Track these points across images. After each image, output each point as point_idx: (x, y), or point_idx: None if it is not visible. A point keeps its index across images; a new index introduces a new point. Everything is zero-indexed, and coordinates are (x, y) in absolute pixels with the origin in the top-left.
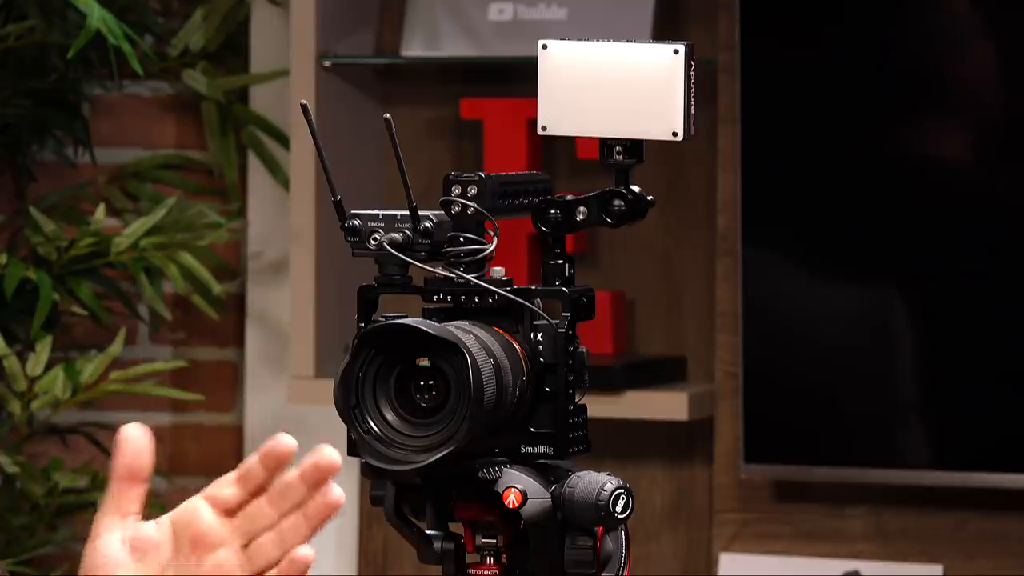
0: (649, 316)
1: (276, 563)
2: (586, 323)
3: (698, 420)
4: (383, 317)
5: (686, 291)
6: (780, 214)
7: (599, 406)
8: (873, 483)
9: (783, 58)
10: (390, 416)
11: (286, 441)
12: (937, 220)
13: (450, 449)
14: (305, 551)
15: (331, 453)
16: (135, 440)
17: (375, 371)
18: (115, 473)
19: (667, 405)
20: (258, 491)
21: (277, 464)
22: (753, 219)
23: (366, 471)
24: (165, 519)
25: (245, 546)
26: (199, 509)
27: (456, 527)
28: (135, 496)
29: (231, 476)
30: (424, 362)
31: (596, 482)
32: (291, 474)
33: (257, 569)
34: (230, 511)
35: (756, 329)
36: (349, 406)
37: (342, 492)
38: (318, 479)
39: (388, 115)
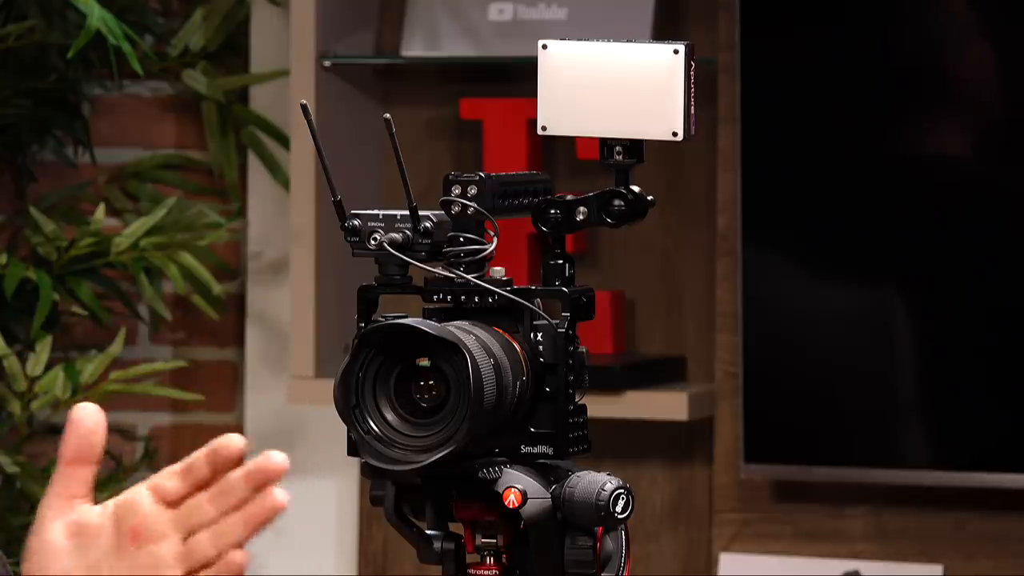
0: (649, 316)
1: (212, 562)
2: (586, 323)
3: (698, 420)
4: (383, 317)
5: (686, 291)
6: (780, 214)
7: (599, 406)
8: (873, 483)
9: (783, 58)
10: (390, 416)
11: (236, 441)
12: (937, 220)
13: (450, 449)
14: (240, 554)
15: (279, 457)
16: (87, 420)
17: (375, 371)
18: (63, 454)
19: (667, 405)
20: (201, 486)
21: (223, 463)
22: (753, 219)
23: (366, 471)
24: (110, 504)
25: (185, 540)
26: (141, 501)
27: (456, 527)
28: (83, 478)
29: (176, 468)
30: (424, 362)
31: (596, 482)
32: (236, 473)
33: (192, 565)
34: (172, 503)
35: (756, 329)
36: (349, 406)
37: (286, 495)
38: (262, 481)
39: (388, 115)
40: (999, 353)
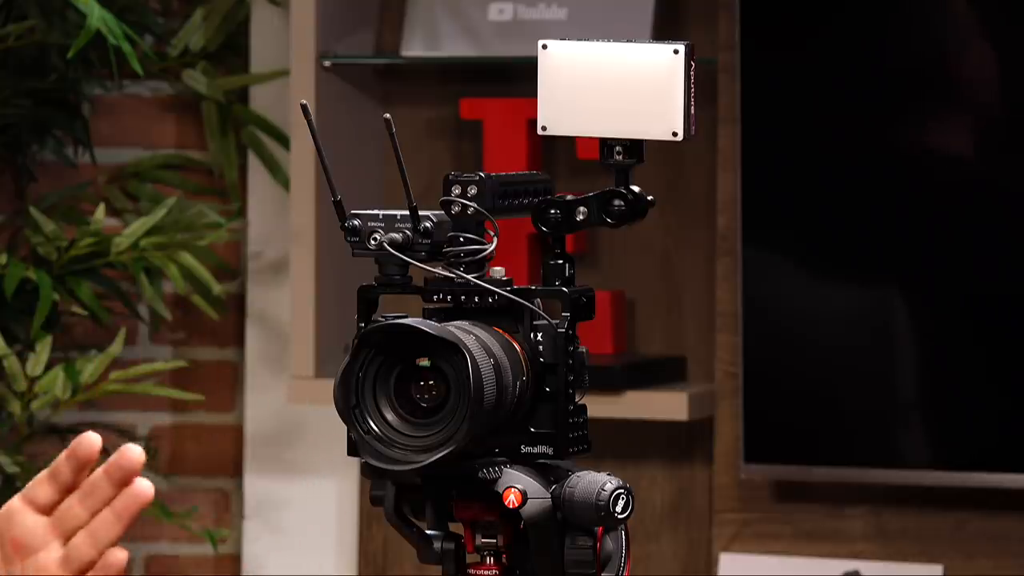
0: (649, 316)
1: (94, 561)
2: (586, 323)
3: (698, 420)
4: (383, 317)
5: (686, 291)
6: (780, 214)
7: (599, 406)
8: (873, 483)
9: (783, 58)
10: (390, 416)
11: (90, 440)
12: (937, 220)
13: (450, 449)
14: (118, 553)
15: (134, 450)
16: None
17: (375, 371)
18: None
19: (667, 405)
20: (69, 489)
21: (81, 464)
22: (753, 219)
23: (366, 471)
24: None
25: (64, 544)
26: (16, 512)
27: (456, 527)
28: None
29: (42, 474)
30: (424, 362)
31: (596, 482)
32: (97, 473)
33: (75, 569)
34: (46, 509)
35: (756, 329)
36: (349, 406)
37: (150, 484)
38: (122, 477)
39: (388, 115)
40: (999, 353)
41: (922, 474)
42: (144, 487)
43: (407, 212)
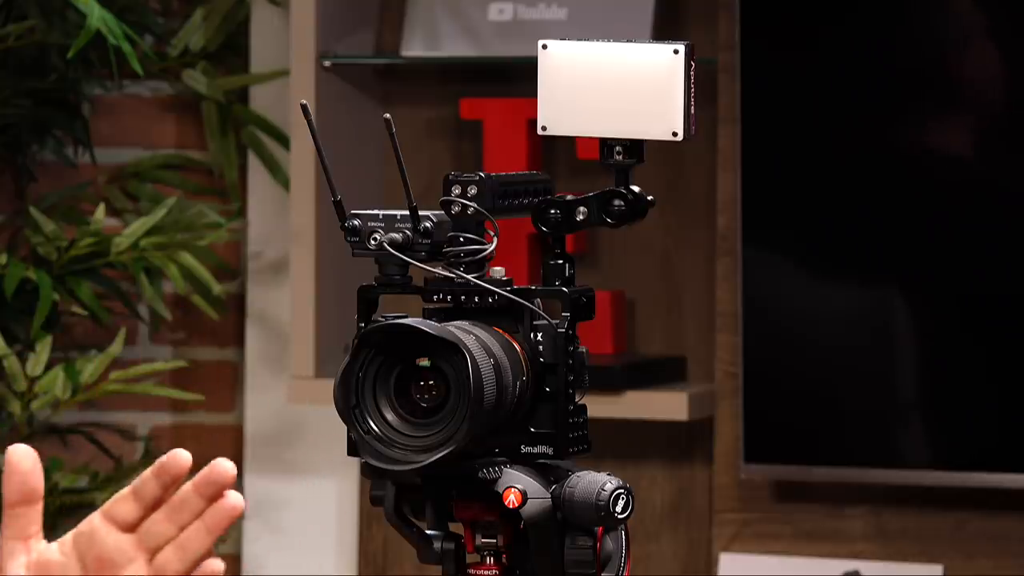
0: (649, 316)
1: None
2: (586, 323)
3: (698, 420)
4: (383, 317)
5: (686, 291)
6: (780, 214)
7: (599, 406)
8: (873, 483)
9: (783, 58)
10: (390, 416)
11: (182, 457)
12: (937, 220)
13: (450, 449)
14: (216, 563)
15: (225, 464)
16: (23, 462)
17: (375, 371)
18: (8, 499)
19: (667, 405)
20: (154, 506)
21: (172, 480)
22: (753, 219)
23: (366, 471)
24: (68, 539)
25: (151, 559)
26: (98, 530)
27: (456, 527)
28: (33, 517)
29: (125, 492)
30: (424, 362)
31: (596, 482)
32: (187, 487)
33: None
34: (129, 527)
35: (756, 329)
36: (349, 406)
37: (241, 497)
38: (213, 493)
39: (388, 115)
40: (999, 353)
41: (922, 474)
42: (236, 500)
43: (407, 212)
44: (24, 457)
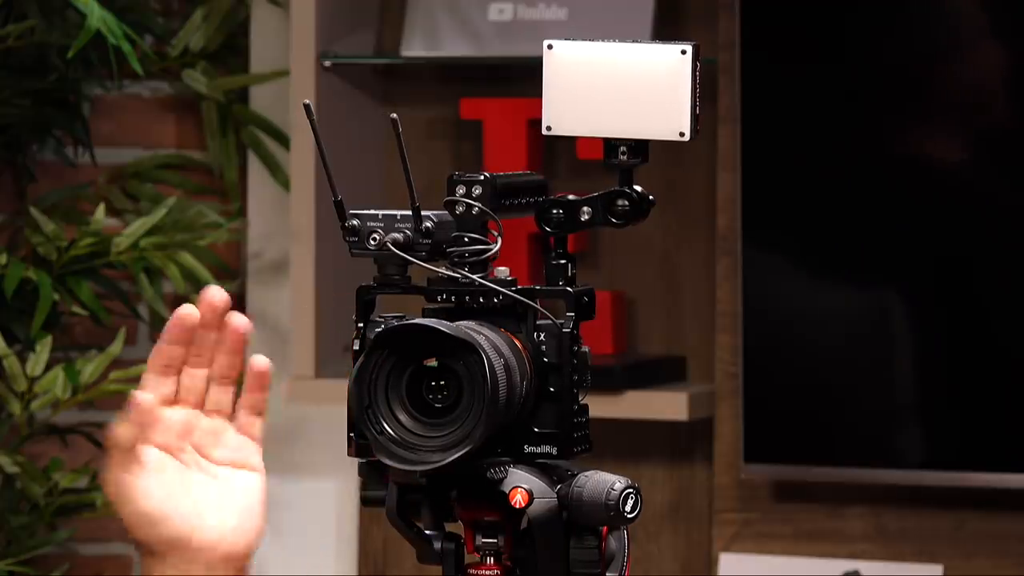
0: (649, 316)
1: (234, 401)
2: (586, 323)
3: (698, 420)
4: (381, 317)
5: (686, 291)
6: (780, 214)
7: (599, 406)
8: (873, 483)
9: (783, 58)
10: (403, 417)
11: (186, 309)
12: (937, 220)
13: (467, 449)
14: (259, 359)
15: (215, 290)
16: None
17: (387, 372)
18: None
19: (667, 405)
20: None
21: (186, 332)
22: (753, 219)
23: (364, 471)
24: (145, 445)
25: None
26: (158, 418)
27: (455, 527)
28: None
29: (152, 373)
30: (432, 362)
31: (605, 482)
32: (195, 325)
33: (226, 414)
34: (171, 400)
35: (756, 329)
36: (363, 407)
37: (243, 317)
38: (217, 320)
39: (395, 115)
40: (998, 353)
41: (922, 474)
42: (240, 321)
43: (407, 212)
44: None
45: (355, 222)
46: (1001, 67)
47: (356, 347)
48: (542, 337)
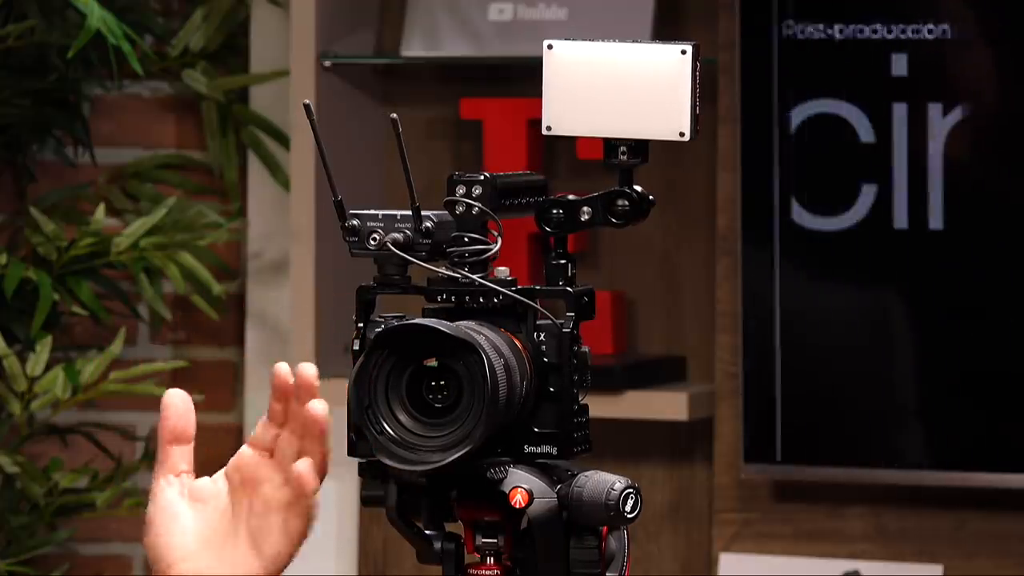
0: (649, 316)
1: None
2: (586, 323)
3: (698, 420)
4: (381, 317)
5: (686, 291)
6: (780, 214)
7: (599, 406)
8: (873, 483)
9: (783, 58)
10: (403, 417)
11: (280, 369)
12: (937, 220)
13: (467, 448)
14: (316, 405)
15: (308, 369)
16: (178, 404)
17: (387, 372)
18: (162, 437)
19: (667, 405)
20: (281, 424)
21: (281, 394)
22: (753, 219)
23: (364, 470)
24: (219, 474)
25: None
26: (242, 453)
27: (455, 527)
28: (183, 455)
29: (263, 420)
30: (432, 362)
31: (605, 482)
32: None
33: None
34: (270, 449)
35: (756, 329)
36: (363, 407)
37: (322, 405)
38: (303, 396)
39: (395, 115)
40: (998, 354)
41: (922, 474)
42: (317, 408)
43: (407, 212)
44: (178, 400)
45: (355, 222)
46: (1001, 65)
47: (356, 347)
48: (542, 337)
